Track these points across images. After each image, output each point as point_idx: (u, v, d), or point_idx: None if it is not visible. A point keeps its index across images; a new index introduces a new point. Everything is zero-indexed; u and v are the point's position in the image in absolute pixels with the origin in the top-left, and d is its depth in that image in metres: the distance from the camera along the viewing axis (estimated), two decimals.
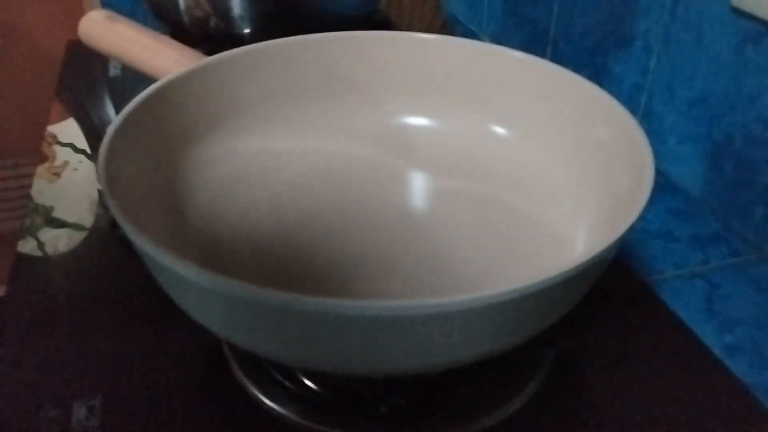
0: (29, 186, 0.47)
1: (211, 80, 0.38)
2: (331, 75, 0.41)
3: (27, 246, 0.42)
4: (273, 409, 0.33)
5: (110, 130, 0.32)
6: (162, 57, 0.41)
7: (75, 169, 0.48)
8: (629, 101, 0.37)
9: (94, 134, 0.52)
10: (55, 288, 0.40)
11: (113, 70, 0.55)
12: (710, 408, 0.33)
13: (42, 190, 0.47)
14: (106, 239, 0.42)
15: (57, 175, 0.48)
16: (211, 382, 0.34)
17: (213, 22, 0.54)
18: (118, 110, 0.35)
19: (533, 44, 0.52)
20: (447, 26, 0.63)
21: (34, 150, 0.51)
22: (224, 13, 0.55)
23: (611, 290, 0.38)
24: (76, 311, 0.38)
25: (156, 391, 0.33)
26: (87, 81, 0.56)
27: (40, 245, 0.42)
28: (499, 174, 0.40)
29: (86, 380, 0.34)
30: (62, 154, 0.50)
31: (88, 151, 0.50)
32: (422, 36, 0.42)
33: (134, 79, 0.43)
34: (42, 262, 0.41)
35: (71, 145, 0.51)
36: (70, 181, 0.47)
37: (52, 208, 0.45)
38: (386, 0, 0.67)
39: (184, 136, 0.37)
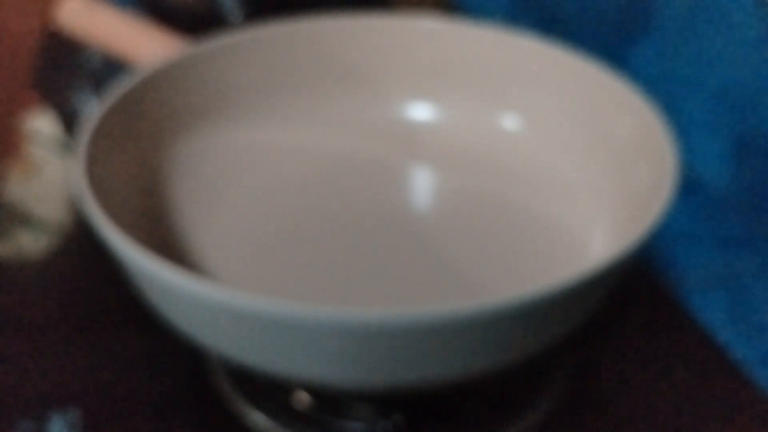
0: (2, 185, 0.47)
1: (198, 70, 0.38)
2: (327, 63, 0.41)
3: (0, 248, 0.42)
4: (260, 424, 0.32)
5: (89, 125, 0.32)
6: (146, 45, 0.41)
7: (52, 167, 0.48)
8: (648, 92, 0.37)
9: (73, 129, 0.52)
10: (31, 292, 0.40)
11: (94, 59, 0.55)
12: (737, 422, 0.33)
13: (16, 189, 0.46)
14: (86, 242, 0.42)
15: (33, 173, 0.48)
16: (196, 394, 0.34)
17: (200, 7, 0.54)
18: (99, 102, 0.35)
19: (544, 29, 0.52)
20: (451, 9, 0.63)
21: (8, 146, 0.50)
22: None
23: (629, 296, 0.38)
24: (53, 317, 0.38)
25: (138, 403, 0.33)
26: (66, 71, 0.56)
27: (15, 247, 0.42)
28: (508, 170, 0.39)
29: (64, 391, 0.34)
30: (39, 150, 0.50)
31: (67, 147, 0.50)
32: (425, 20, 0.41)
33: (117, 68, 0.43)
34: (17, 265, 0.41)
35: (48, 141, 0.51)
36: (47, 179, 0.47)
37: (27, 209, 0.45)
38: None
39: (169, 131, 0.37)
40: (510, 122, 0.40)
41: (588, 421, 0.33)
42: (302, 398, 0.33)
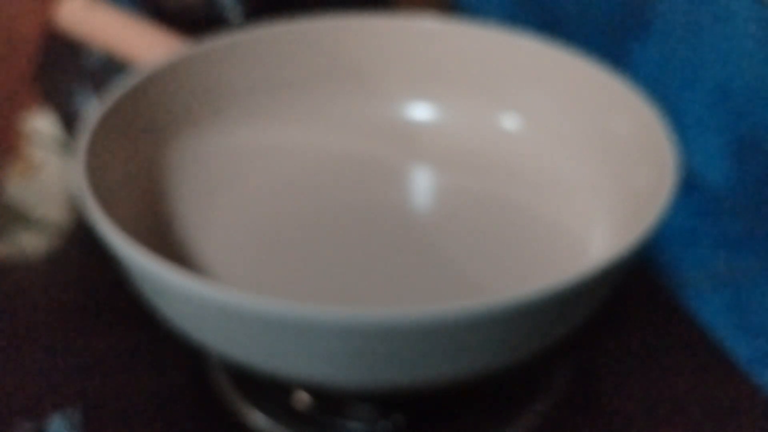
0: (3, 185, 0.47)
1: (198, 70, 0.38)
2: (327, 63, 0.41)
3: (0, 248, 0.42)
4: (260, 424, 0.32)
5: (89, 125, 0.32)
6: (146, 45, 0.41)
7: (52, 167, 0.48)
8: (648, 92, 0.37)
9: (73, 129, 0.52)
10: (31, 292, 0.39)
11: (94, 59, 0.55)
12: (737, 422, 0.33)
13: (16, 189, 0.46)
14: (85, 241, 0.42)
15: (33, 172, 0.48)
16: (196, 394, 0.34)
17: (200, 7, 0.54)
18: (99, 102, 0.35)
19: (544, 29, 0.52)
20: (451, 9, 0.63)
21: (8, 145, 0.50)
22: None
23: (629, 296, 0.38)
24: (53, 317, 0.38)
25: (138, 403, 0.33)
26: (66, 71, 0.56)
27: (15, 247, 0.42)
28: (508, 170, 0.39)
29: (64, 391, 0.34)
30: (39, 150, 0.50)
31: (67, 147, 0.50)
32: (425, 20, 0.41)
33: (117, 68, 0.43)
34: (16, 265, 0.41)
35: (48, 141, 0.50)
36: (47, 179, 0.47)
37: (27, 209, 0.45)
38: None
39: (169, 131, 0.37)
40: (510, 122, 0.40)
41: (588, 422, 0.33)
42: (302, 398, 0.33)
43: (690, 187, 0.44)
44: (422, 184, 0.41)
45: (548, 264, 0.34)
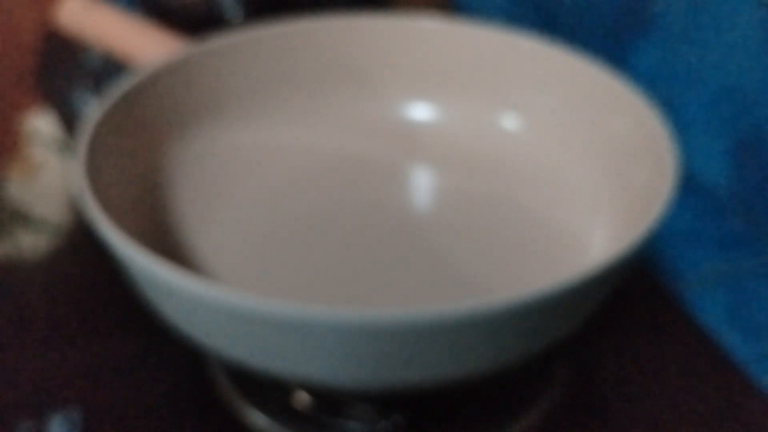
0: (3, 185, 0.47)
1: (198, 69, 0.38)
2: (327, 63, 0.41)
3: (0, 248, 0.42)
4: (260, 424, 0.32)
5: (89, 125, 0.32)
6: (146, 45, 0.40)
7: (52, 167, 0.48)
8: (648, 92, 0.37)
9: (73, 129, 0.52)
10: (31, 293, 0.39)
11: (94, 59, 0.55)
12: (737, 422, 0.33)
13: (16, 189, 0.46)
14: (85, 242, 0.42)
15: (33, 173, 0.48)
16: (196, 394, 0.34)
17: (200, 7, 0.54)
18: (99, 102, 0.35)
19: (544, 29, 0.52)
20: (451, 9, 0.63)
21: (8, 145, 0.50)
22: None
23: (629, 296, 0.38)
24: (53, 318, 0.38)
25: (138, 403, 0.33)
26: (66, 71, 0.56)
27: (14, 248, 0.42)
28: (507, 170, 0.39)
29: (64, 391, 0.34)
30: (39, 150, 0.50)
31: (67, 147, 0.50)
32: (425, 20, 0.41)
33: (117, 68, 0.43)
34: (16, 265, 0.41)
35: (48, 141, 0.50)
36: (47, 179, 0.47)
37: (26, 209, 0.45)
38: None
39: (169, 131, 0.37)
40: (510, 122, 0.40)
41: (587, 421, 0.33)
42: (302, 398, 0.33)
43: (690, 187, 0.44)
44: (422, 184, 0.41)
45: (548, 264, 0.34)
